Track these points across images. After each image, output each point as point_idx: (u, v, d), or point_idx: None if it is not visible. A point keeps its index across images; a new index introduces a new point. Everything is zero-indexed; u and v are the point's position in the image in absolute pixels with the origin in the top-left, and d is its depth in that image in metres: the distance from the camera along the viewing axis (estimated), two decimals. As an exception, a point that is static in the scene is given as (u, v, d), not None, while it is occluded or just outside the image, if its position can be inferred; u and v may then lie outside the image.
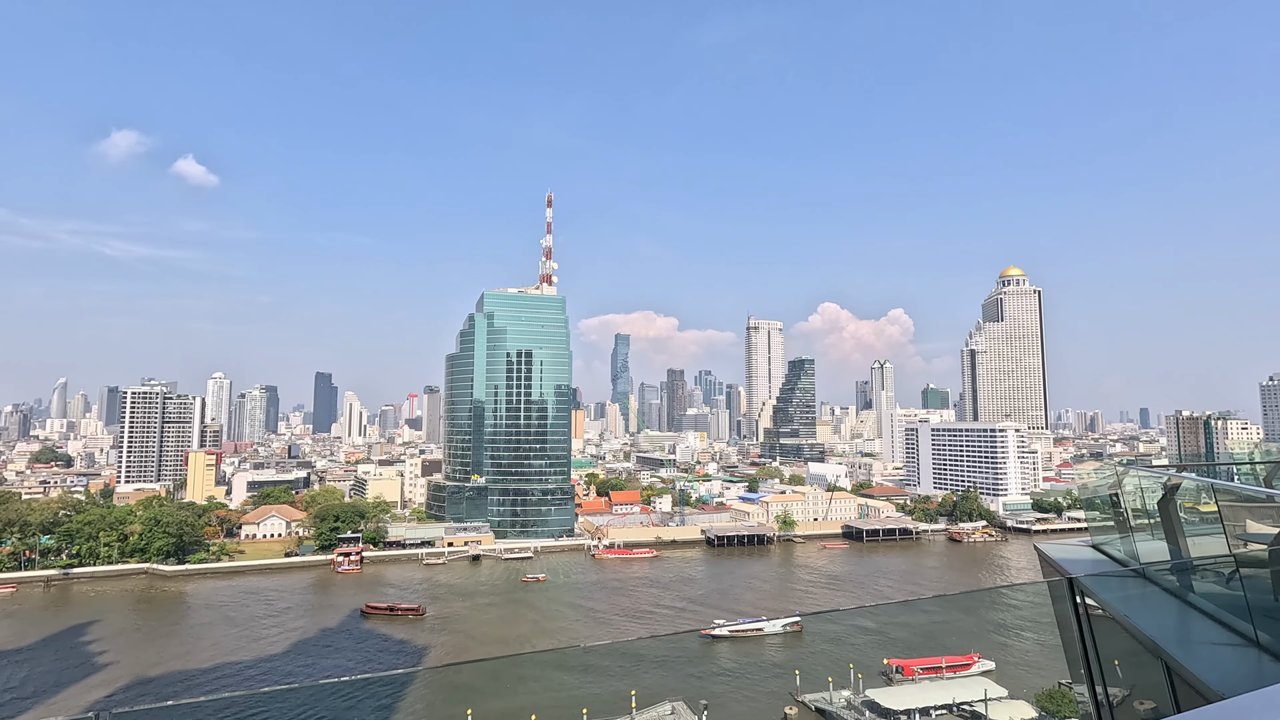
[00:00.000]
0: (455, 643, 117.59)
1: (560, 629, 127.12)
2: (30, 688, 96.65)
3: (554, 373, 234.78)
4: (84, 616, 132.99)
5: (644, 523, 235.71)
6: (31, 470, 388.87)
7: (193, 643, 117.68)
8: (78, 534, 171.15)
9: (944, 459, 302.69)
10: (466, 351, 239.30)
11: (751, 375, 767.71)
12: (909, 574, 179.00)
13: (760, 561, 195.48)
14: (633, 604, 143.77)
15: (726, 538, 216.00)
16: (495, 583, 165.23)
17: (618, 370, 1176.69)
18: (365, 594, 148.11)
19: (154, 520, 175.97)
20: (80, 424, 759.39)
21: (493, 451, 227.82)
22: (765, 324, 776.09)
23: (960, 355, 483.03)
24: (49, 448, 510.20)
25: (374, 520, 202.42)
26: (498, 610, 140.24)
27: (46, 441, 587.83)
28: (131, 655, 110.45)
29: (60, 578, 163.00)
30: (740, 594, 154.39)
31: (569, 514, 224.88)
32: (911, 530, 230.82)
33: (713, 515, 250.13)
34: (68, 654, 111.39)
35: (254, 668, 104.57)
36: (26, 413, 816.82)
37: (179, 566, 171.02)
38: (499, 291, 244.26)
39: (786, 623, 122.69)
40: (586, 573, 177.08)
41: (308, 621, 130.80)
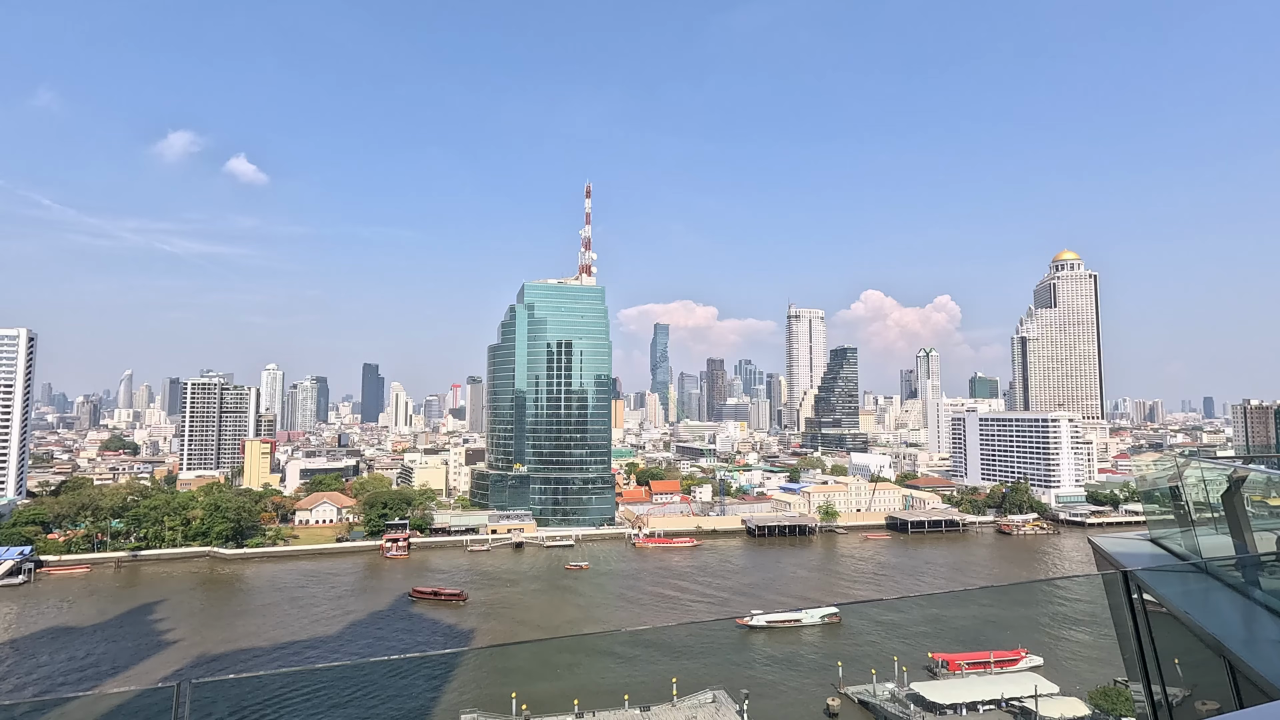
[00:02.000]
0: (502, 627, 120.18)
1: (604, 616, 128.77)
2: (108, 661, 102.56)
3: (594, 363, 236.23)
4: (153, 596, 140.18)
5: (684, 512, 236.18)
6: (102, 457, 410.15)
7: (254, 622, 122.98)
8: (145, 518, 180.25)
9: (993, 450, 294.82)
10: (508, 342, 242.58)
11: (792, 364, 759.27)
12: (955, 566, 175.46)
13: (802, 552, 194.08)
14: (673, 593, 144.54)
15: (767, 528, 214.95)
16: (538, 570, 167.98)
17: (657, 360, 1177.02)
18: (413, 579, 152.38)
19: (214, 506, 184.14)
20: (145, 413, 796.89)
21: (534, 441, 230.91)
22: (806, 312, 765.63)
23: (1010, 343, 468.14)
24: (117, 436, 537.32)
25: (420, 507, 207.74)
26: (543, 596, 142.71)
27: (115, 430, 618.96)
28: (198, 633, 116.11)
29: (129, 559, 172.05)
30: (781, 585, 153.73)
31: (609, 503, 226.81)
32: (958, 522, 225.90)
33: (753, 505, 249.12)
34: (140, 631, 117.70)
35: (311, 646, 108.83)
36: (96, 403, 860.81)
37: (238, 550, 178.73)
38: (539, 283, 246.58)
39: (824, 614, 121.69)
40: (627, 561, 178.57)
41: (360, 604, 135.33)
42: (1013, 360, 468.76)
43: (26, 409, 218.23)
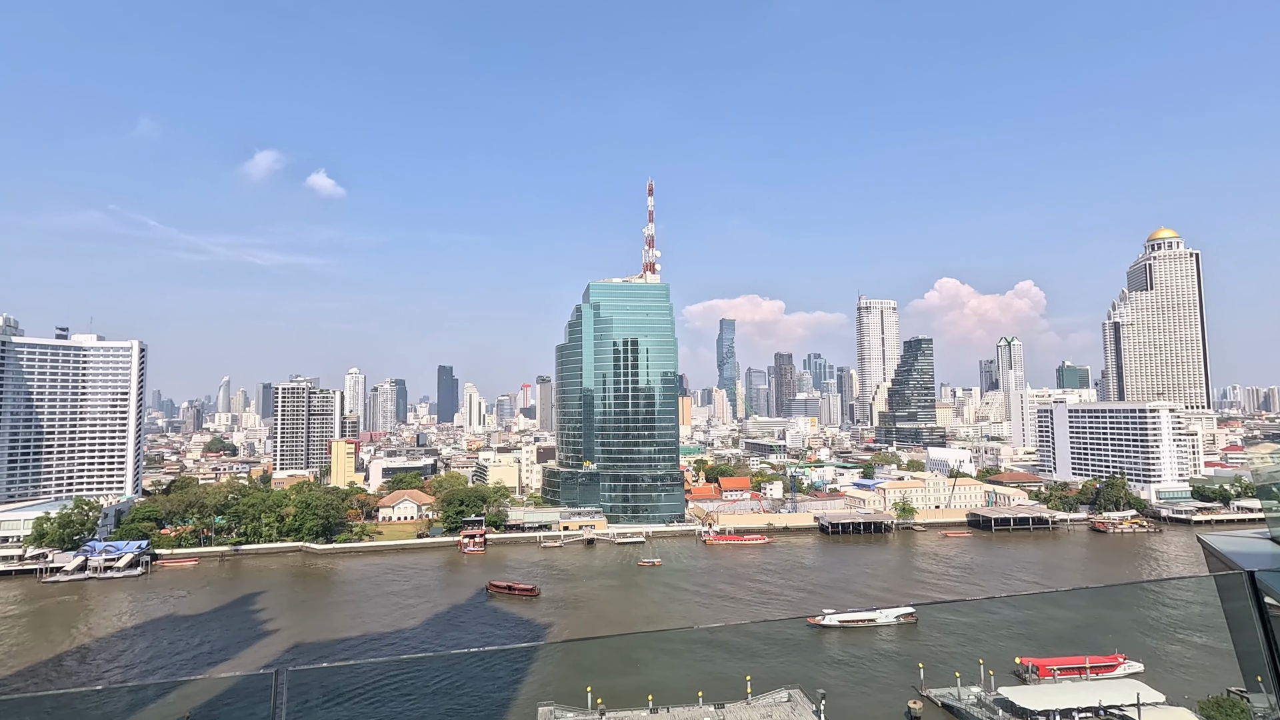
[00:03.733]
0: (577, 622, 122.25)
1: (678, 612, 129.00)
2: (215, 647, 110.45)
3: (660, 360, 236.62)
4: (253, 588, 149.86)
5: (755, 509, 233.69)
6: (205, 458, 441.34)
7: (344, 614, 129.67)
8: (244, 515, 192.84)
9: (1084, 443, 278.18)
10: (575, 342, 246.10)
11: (864, 357, 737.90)
12: (1046, 566, 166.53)
13: (877, 550, 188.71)
14: (746, 590, 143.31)
15: (841, 525, 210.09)
16: (610, 566, 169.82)
17: (723, 356, 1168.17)
18: (490, 573, 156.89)
19: (305, 503, 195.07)
20: (242, 417, 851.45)
21: (603, 438, 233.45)
22: (878, 303, 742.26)
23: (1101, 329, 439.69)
24: (218, 438, 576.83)
25: (495, 504, 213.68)
26: (617, 593, 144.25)
27: (215, 433, 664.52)
28: (293, 623, 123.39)
29: (231, 553, 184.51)
30: (857, 583, 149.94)
31: (679, 500, 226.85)
32: (1047, 519, 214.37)
33: (826, 502, 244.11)
34: (243, 620, 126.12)
35: (396, 636, 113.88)
36: (199, 408, 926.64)
37: (328, 545, 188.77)
38: (603, 282, 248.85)
39: (900, 614, 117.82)
40: (698, 558, 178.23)
41: (441, 597, 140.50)
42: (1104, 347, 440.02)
43: (140, 415, 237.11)
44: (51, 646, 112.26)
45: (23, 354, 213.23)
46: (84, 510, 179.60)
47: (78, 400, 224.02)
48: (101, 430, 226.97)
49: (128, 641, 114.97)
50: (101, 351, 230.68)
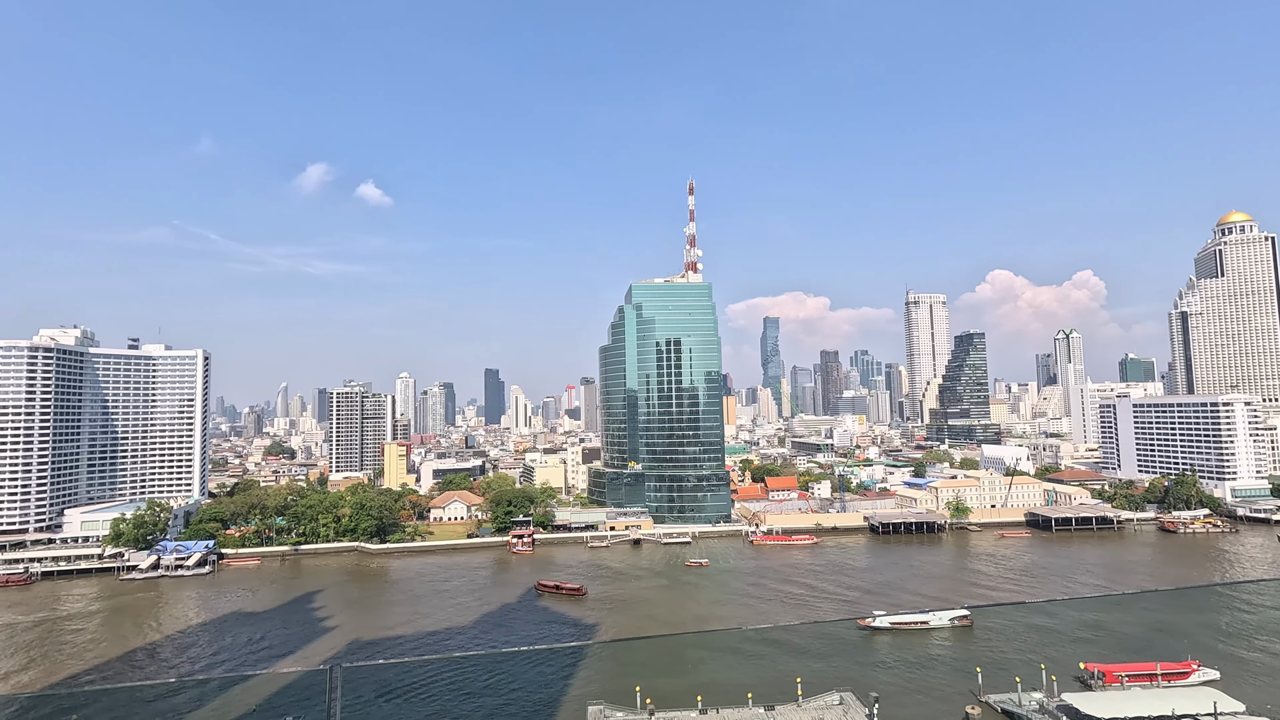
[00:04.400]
0: (626, 622, 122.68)
1: (727, 613, 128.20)
2: (276, 643, 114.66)
3: (703, 359, 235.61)
4: (313, 586, 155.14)
5: (802, 509, 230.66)
6: (265, 462, 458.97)
7: (399, 611, 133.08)
8: (302, 516, 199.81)
9: (1150, 438, 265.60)
10: (617, 343, 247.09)
11: (913, 353, 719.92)
12: (1111, 568, 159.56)
13: (930, 551, 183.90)
14: (796, 591, 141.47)
15: (892, 525, 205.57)
16: (657, 566, 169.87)
17: (768, 354, 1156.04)
18: (538, 573, 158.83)
19: (360, 505, 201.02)
20: (299, 421, 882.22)
21: (647, 439, 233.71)
22: (926, 297, 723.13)
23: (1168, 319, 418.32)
24: (277, 442, 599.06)
25: (542, 505, 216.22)
26: (666, 592, 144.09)
27: (275, 437, 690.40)
28: (351, 620, 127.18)
29: (291, 553, 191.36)
30: (909, 584, 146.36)
31: (725, 500, 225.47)
32: (1112, 519, 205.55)
33: (875, 501, 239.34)
34: (304, 617, 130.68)
35: (449, 634, 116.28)
36: (259, 413, 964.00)
37: (382, 545, 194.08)
38: (645, 283, 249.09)
39: (954, 616, 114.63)
40: (746, 559, 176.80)
41: (491, 596, 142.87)
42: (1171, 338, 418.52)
43: (205, 420, 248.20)
44: (128, 641, 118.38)
45: (99, 364, 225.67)
46: (156, 512, 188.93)
47: (148, 407, 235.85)
48: (170, 435, 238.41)
49: (197, 637, 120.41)
50: (169, 360, 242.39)
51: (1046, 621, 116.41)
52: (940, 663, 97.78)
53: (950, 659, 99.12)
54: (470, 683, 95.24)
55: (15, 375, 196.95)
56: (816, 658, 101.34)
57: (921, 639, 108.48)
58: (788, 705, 75.70)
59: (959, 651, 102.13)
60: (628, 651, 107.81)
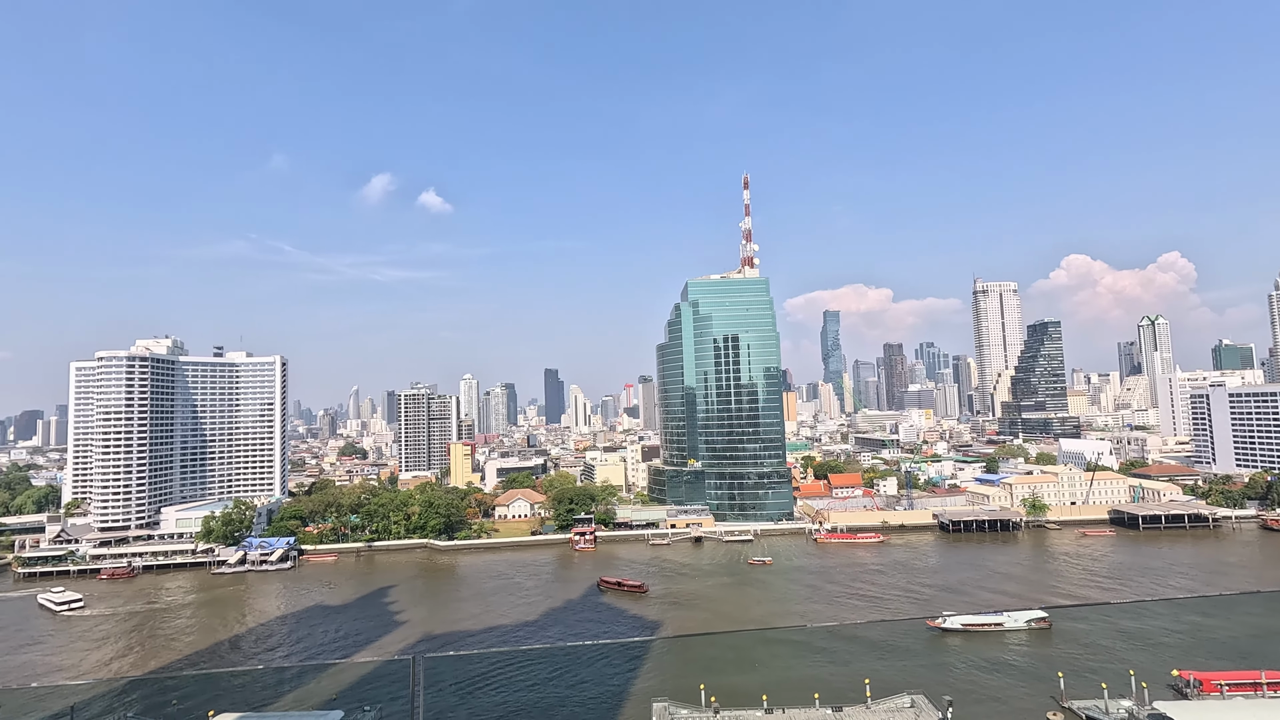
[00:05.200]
0: (693, 620, 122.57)
1: (792, 611, 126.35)
2: (353, 635, 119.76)
3: (761, 355, 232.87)
4: (386, 581, 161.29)
5: (867, 506, 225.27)
6: (340, 462, 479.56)
7: (468, 606, 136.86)
8: (375, 514, 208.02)
9: (1250, 430, 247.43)
10: (675, 340, 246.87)
11: (982, 344, 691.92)
12: (1207, 569, 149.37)
13: (1004, 550, 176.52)
14: (861, 590, 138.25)
15: (963, 523, 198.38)
16: (720, 564, 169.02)
17: (828, 349, 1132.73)
18: (600, 570, 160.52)
19: (428, 503, 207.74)
20: (370, 422, 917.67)
21: (706, 436, 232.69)
22: (995, 286, 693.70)
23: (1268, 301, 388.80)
24: (350, 443, 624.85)
25: (603, 503, 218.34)
26: (731, 591, 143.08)
27: (348, 438, 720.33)
28: (422, 614, 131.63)
29: (365, 549, 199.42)
30: (982, 584, 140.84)
31: (787, 497, 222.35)
32: (1207, 516, 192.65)
33: (945, 498, 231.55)
34: (379, 610, 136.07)
35: (517, 628, 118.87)
36: (333, 415, 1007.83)
37: (450, 542, 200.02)
38: (701, 279, 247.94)
39: (1032, 619, 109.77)
40: (809, 557, 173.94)
41: (555, 592, 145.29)
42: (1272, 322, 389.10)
43: (284, 422, 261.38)
44: (219, 631, 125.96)
45: (188, 372, 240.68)
46: (242, 510, 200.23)
47: (233, 411, 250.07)
48: (253, 438, 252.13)
49: (281, 628, 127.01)
50: (250, 366, 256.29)
51: (1134, 625, 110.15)
52: (1017, 667, 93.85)
53: (1028, 663, 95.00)
54: (538, 675, 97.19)
55: (115, 383, 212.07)
56: (884, 658, 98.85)
57: (996, 641, 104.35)
58: (856, 707, 74.08)
59: (1037, 655, 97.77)
60: (691, 648, 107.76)
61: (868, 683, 78.85)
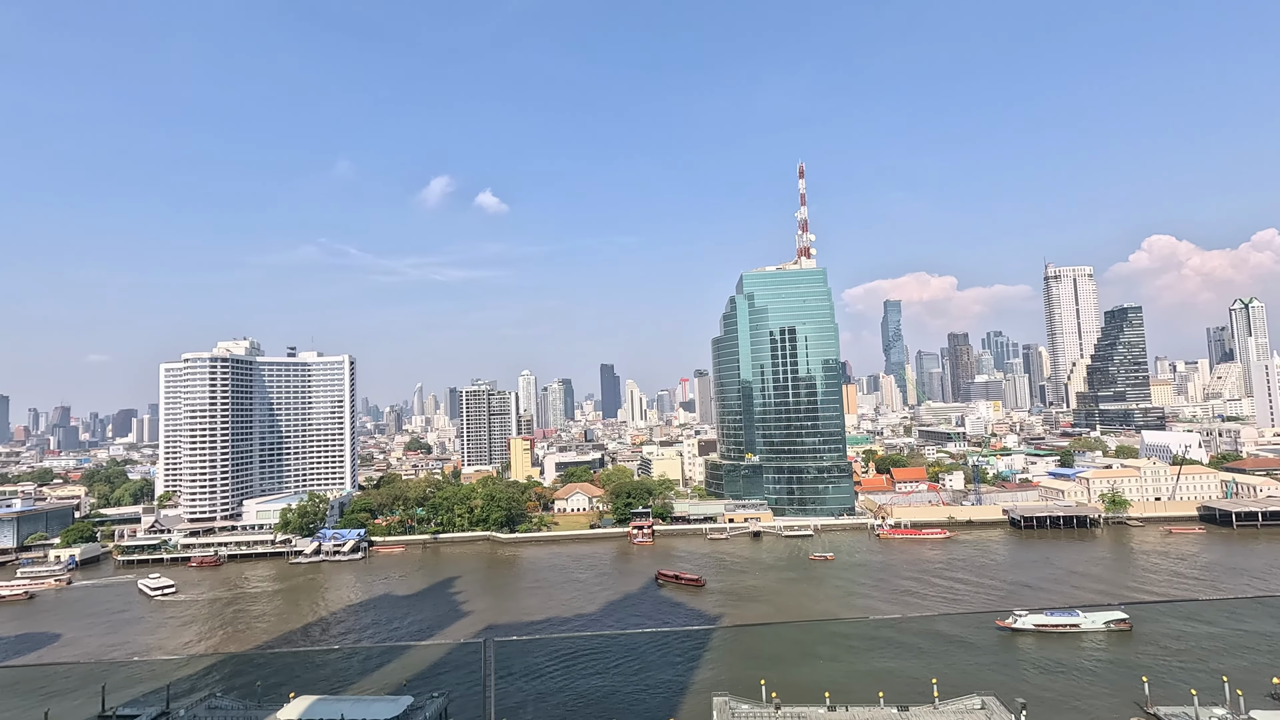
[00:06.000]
0: (755, 616, 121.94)
1: (858, 607, 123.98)
2: (422, 622, 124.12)
3: (819, 347, 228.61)
4: (452, 572, 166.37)
5: (932, 501, 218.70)
6: (405, 457, 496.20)
7: (532, 596, 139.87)
8: (440, 507, 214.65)
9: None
10: (730, 334, 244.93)
11: (1055, 332, 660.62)
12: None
13: (1081, 547, 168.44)
14: (928, 587, 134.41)
15: (1035, 519, 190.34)
16: (780, 559, 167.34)
17: (890, 339, 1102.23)
18: (658, 563, 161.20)
19: (490, 496, 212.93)
20: (433, 418, 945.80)
21: (763, 430, 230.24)
22: (1069, 270, 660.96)
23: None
24: (415, 438, 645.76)
25: (660, 496, 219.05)
26: (793, 586, 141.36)
27: (413, 433, 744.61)
28: (487, 604, 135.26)
29: (431, 541, 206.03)
30: (1058, 583, 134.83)
31: (847, 492, 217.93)
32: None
33: (1015, 493, 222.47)
34: (447, 599, 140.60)
35: (577, 619, 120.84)
36: (399, 411, 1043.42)
37: (511, 535, 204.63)
38: (757, 271, 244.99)
39: (1111, 620, 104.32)
40: (873, 553, 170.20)
41: (614, 584, 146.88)
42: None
43: (353, 419, 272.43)
44: (298, 616, 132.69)
45: (265, 371, 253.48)
46: (316, 503, 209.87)
47: (306, 408, 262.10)
48: (325, 433, 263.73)
49: (354, 615, 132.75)
50: (321, 366, 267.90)
51: (1228, 628, 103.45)
52: (1095, 670, 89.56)
53: (1107, 666, 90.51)
54: (599, 665, 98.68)
55: (200, 383, 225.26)
56: (952, 657, 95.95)
57: (1071, 643, 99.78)
58: (923, 707, 72.03)
59: (1118, 658, 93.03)
60: (751, 642, 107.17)
61: (935, 682, 76.64)
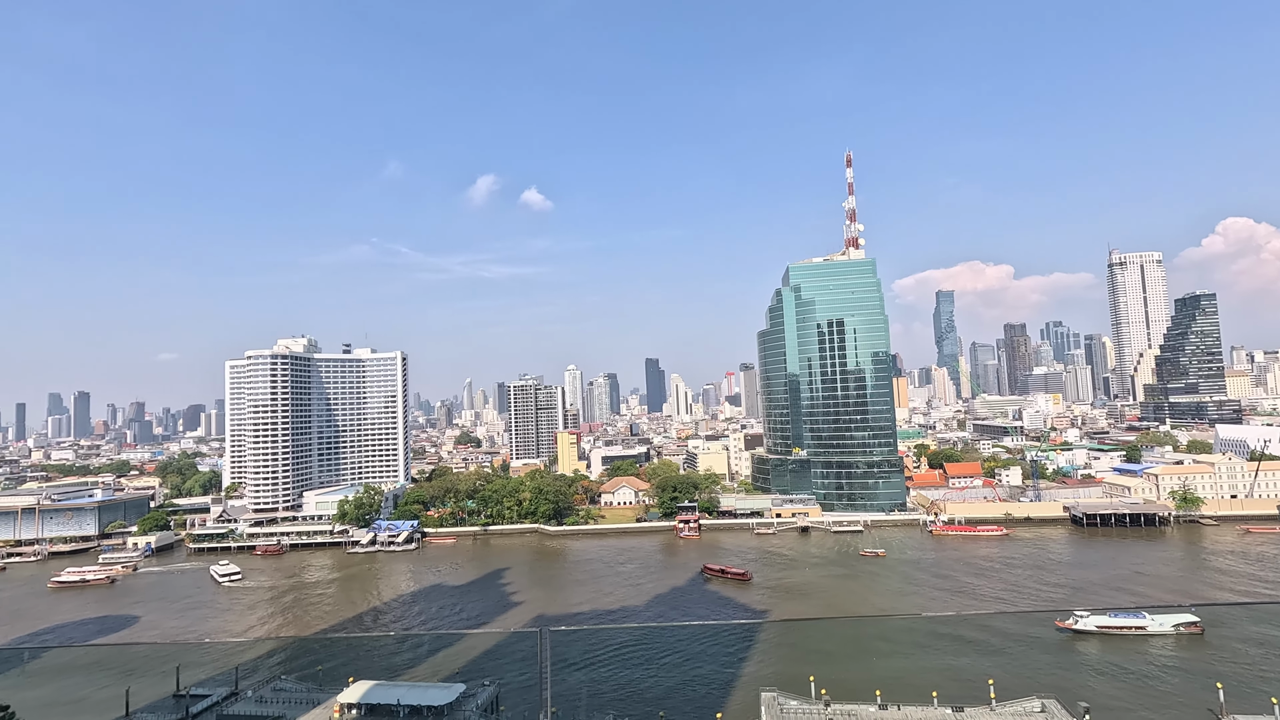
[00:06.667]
0: (802, 610, 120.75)
1: (912, 606, 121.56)
2: (474, 611, 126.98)
3: (869, 340, 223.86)
4: (501, 563, 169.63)
5: (988, 497, 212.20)
6: (456, 450, 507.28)
7: (580, 589, 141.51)
8: (489, 499, 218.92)
9: None
10: (776, 327, 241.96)
11: (1120, 321, 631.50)
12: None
13: (1149, 547, 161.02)
14: (985, 586, 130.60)
15: (1099, 516, 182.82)
16: (829, 555, 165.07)
17: (942, 331, 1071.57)
18: (705, 557, 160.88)
19: (538, 489, 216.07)
20: (482, 413, 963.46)
21: (811, 424, 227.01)
22: (1135, 257, 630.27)
23: None
24: (465, 432, 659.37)
25: (706, 491, 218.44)
26: (843, 582, 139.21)
27: (463, 427, 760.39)
28: (537, 595, 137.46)
29: (481, 533, 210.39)
30: (1124, 584, 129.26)
31: (898, 487, 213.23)
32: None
33: (1077, 490, 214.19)
34: (495, 590, 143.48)
35: (625, 611, 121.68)
36: (449, 406, 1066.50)
37: (559, 527, 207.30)
38: (803, 263, 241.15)
39: (1180, 622, 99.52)
40: (926, 550, 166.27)
41: (661, 577, 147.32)
42: None
43: (406, 413, 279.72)
44: (356, 604, 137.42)
45: (321, 367, 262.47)
46: (371, 495, 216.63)
47: (361, 403, 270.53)
48: (379, 427, 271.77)
49: (410, 603, 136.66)
50: (375, 362, 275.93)
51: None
52: (1164, 675, 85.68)
53: (1177, 671, 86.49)
54: (648, 655, 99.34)
55: (261, 379, 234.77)
56: (1010, 658, 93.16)
57: (1137, 646, 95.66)
58: (979, 708, 70.09)
59: (1189, 663, 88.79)
60: (800, 638, 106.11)
61: (991, 683, 74.63)
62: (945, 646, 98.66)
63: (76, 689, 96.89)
